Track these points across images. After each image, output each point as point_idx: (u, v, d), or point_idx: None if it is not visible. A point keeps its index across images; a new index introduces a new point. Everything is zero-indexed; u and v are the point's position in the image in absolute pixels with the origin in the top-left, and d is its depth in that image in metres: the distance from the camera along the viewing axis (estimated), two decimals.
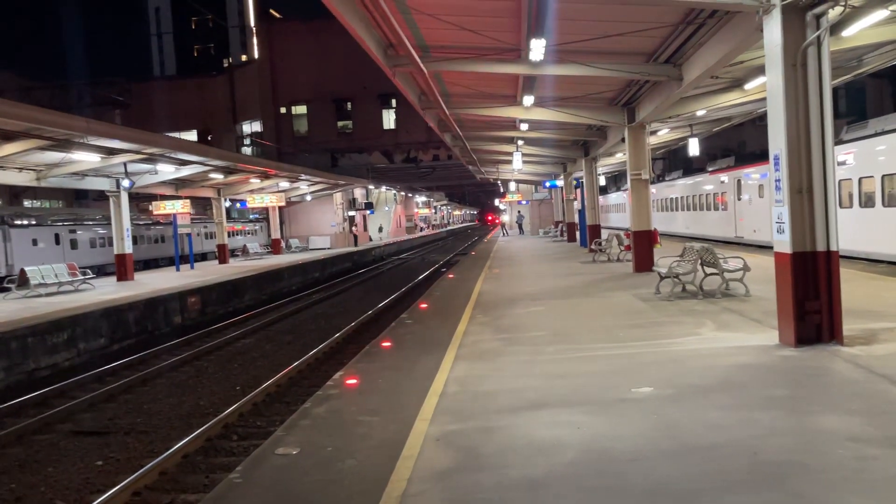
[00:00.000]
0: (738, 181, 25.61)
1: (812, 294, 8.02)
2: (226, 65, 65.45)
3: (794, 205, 8.05)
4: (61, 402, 11.52)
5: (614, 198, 51.05)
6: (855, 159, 16.75)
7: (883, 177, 15.60)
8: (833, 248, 7.97)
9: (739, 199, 25.62)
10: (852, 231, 16.30)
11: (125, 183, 23.71)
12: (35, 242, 31.57)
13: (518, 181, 49.26)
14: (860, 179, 16.56)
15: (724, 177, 27.38)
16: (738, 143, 44.68)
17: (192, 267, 31.28)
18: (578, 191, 32.42)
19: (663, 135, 25.16)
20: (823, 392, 6.49)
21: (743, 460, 4.90)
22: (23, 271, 21.11)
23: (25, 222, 34.15)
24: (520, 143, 25.65)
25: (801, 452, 4.97)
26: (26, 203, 52.31)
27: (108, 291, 20.49)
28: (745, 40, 10.19)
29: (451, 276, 22.69)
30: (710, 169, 29.90)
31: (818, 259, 8.02)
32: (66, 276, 21.86)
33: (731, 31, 10.50)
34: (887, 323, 9.11)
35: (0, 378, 12.71)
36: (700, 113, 19.10)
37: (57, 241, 33.09)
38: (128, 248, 25.35)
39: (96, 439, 9.60)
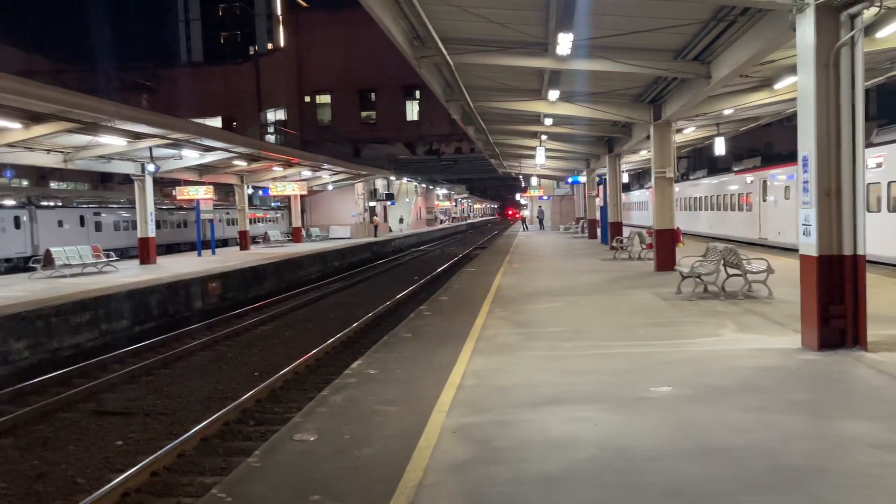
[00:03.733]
0: (764, 182, 25.31)
1: (837, 298, 7.91)
2: (252, 53, 65.74)
3: (821, 207, 7.94)
4: (84, 382, 11.69)
5: (637, 195, 50.71)
6: (885, 163, 16.47)
7: None
8: (860, 252, 7.86)
9: (765, 201, 25.32)
10: (880, 236, 16.04)
11: (150, 167, 23.94)
12: (60, 224, 32.00)
13: (540, 176, 49.04)
14: (889, 184, 16.29)
15: (749, 177, 27.07)
16: (765, 144, 44.10)
17: (213, 252, 31.55)
18: (601, 187, 32.23)
19: (689, 133, 24.91)
20: (846, 397, 6.41)
21: (762, 463, 4.86)
22: (48, 252, 21.44)
23: (51, 204, 34.63)
24: (543, 137, 25.53)
25: (821, 457, 4.92)
26: (53, 184, 53.05)
27: (130, 274, 20.73)
28: (776, 39, 10.04)
29: (470, 269, 22.67)
30: (735, 169, 29.58)
31: (844, 263, 7.92)
32: (90, 258, 22.15)
33: (763, 30, 10.36)
34: None
35: (25, 356, 12.93)
36: (727, 112, 18.87)
37: (82, 224, 33.53)
38: (151, 231, 25.65)
39: (117, 419, 9.73)
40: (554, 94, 16.13)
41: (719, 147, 22.50)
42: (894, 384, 6.61)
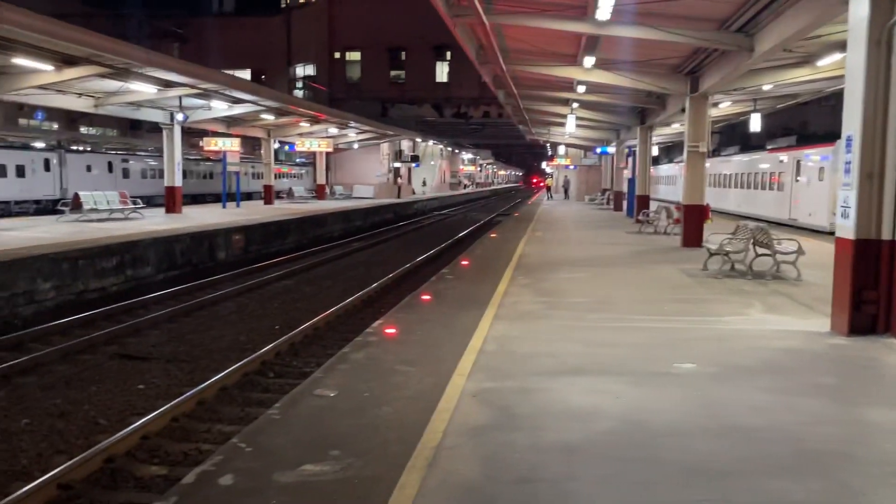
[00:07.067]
0: (798, 162, 24.77)
1: (871, 283, 7.72)
2: (284, 5, 65.00)
3: (862, 189, 7.70)
4: (107, 325, 11.86)
5: (665, 169, 49.99)
6: None
7: None
8: None
9: (797, 181, 24.81)
10: None
11: (179, 116, 23.97)
12: (89, 169, 32.32)
13: (568, 145, 48.46)
14: None
15: (783, 156, 26.51)
16: (801, 123, 43.08)
17: (238, 205, 31.71)
18: (630, 159, 31.78)
19: (725, 107, 24.37)
20: (874, 384, 6.28)
21: (786, 446, 4.77)
22: (77, 196, 21.69)
23: (81, 148, 34.94)
24: (575, 105, 25.11)
25: (848, 443, 4.83)
26: (82, 129, 53.41)
27: (156, 222, 20.91)
28: (826, 12, 9.69)
29: (493, 235, 22.58)
30: (769, 147, 28.98)
31: (882, 248, 7.69)
32: (117, 204, 22.39)
33: (813, 2, 9.97)
34: None
35: (51, 297, 13.12)
36: (766, 87, 18.40)
37: (110, 170, 33.84)
38: (178, 181, 25.79)
39: (139, 364, 9.86)
40: (590, 61, 15.80)
41: (755, 123, 21.98)
42: None
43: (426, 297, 10.61)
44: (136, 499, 5.77)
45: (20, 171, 28.12)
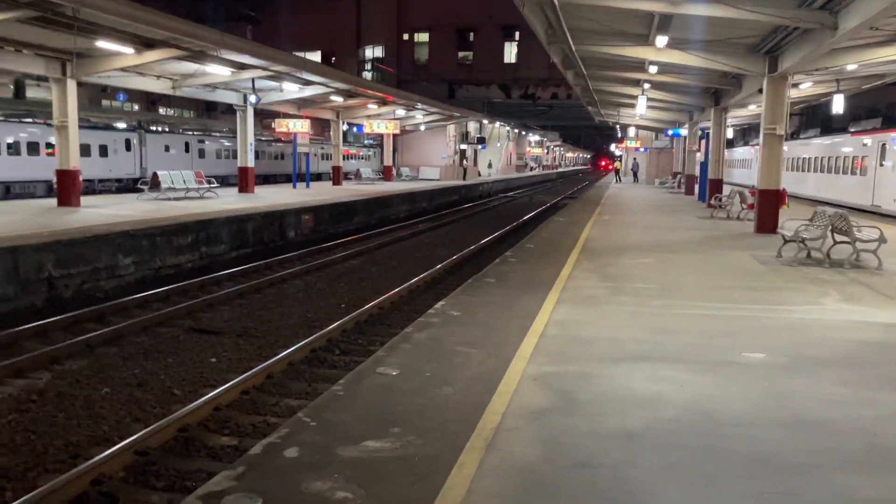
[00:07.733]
0: (883, 145, 23.55)
1: None
2: None
3: None
4: (182, 300, 12.34)
5: (740, 152, 48.34)
6: None
7: None
8: None
9: (882, 165, 23.62)
10: None
11: (252, 98, 24.53)
12: (167, 149, 33.50)
13: (639, 127, 47.33)
14: None
15: (866, 139, 25.25)
16: (888, 104, 40.82)
17: (307, 186, 32.32)
18: (703, 142, 30.87)
19: (805, 88, 23.30)
20: None
21: (860, 440, 4.61)
22: (155, 175, 22.54)
23: (159, 129, 36.25)
24: (646, 86, 24.46)
25: None
26: (161, 110, 55.35)
27: (230, 201, 21.54)
28: None
29: (559, 218, 22.35)
30: (851, 130, 27.64)
31: None
32: (193, 183, 23.15)
33: None
34: None
35: (131, 272, 13.73)
36: (851, 67, 17.49)
37: (186, 150, 34.97)
38: (250, 161, 26.46)
39: (212, 337, 10.23)
40: (662, 41, 15.34)
41: (838, 105, 20.91)
42: None
43: (489, 279, 10.62)
44: (206, 467, 6.01)
45: (103, 151, 29.40)
